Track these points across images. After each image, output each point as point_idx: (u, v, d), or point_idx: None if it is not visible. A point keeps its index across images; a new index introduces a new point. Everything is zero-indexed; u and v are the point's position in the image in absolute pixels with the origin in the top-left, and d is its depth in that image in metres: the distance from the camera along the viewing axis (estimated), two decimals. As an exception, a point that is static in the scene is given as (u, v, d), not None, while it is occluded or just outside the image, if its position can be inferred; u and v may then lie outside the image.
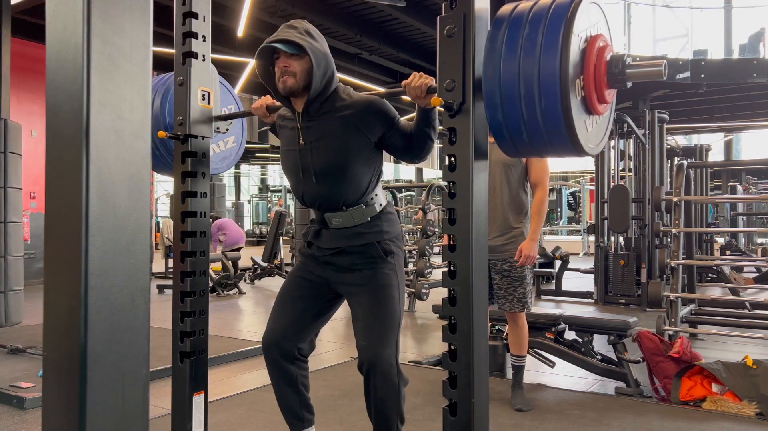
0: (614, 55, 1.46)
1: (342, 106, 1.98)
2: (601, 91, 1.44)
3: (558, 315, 3.80)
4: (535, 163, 3.03)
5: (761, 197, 4.81)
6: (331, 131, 1.97)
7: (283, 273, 8.98)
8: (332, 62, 2.00)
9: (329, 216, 2.05)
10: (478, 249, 1.49)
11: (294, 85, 1.94)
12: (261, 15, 8.07)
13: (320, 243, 2.08)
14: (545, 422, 2.88)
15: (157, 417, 2.80)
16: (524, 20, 1.40)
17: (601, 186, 7.61)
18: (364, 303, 2.00)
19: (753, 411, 2.96)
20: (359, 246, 2.03)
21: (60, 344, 1.12)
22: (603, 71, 1.43)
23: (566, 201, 21.44)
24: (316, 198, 2.04)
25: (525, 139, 1.44)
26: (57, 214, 1.13)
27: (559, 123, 1.37)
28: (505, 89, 1.39)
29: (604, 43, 1.45)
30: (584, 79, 1.41)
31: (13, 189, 5.59)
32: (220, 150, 2.35)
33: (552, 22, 1.36)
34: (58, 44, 1.12)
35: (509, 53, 1.39)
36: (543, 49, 1.35)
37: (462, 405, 1.48)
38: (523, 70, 1.37)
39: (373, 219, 2.05)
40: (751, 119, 11.93)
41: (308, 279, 2.11)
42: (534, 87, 1.36)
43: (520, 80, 1.37)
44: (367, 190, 2.04)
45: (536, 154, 1.56)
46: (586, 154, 1.47)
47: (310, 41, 1.92)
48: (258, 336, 5.23)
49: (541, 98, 1.36)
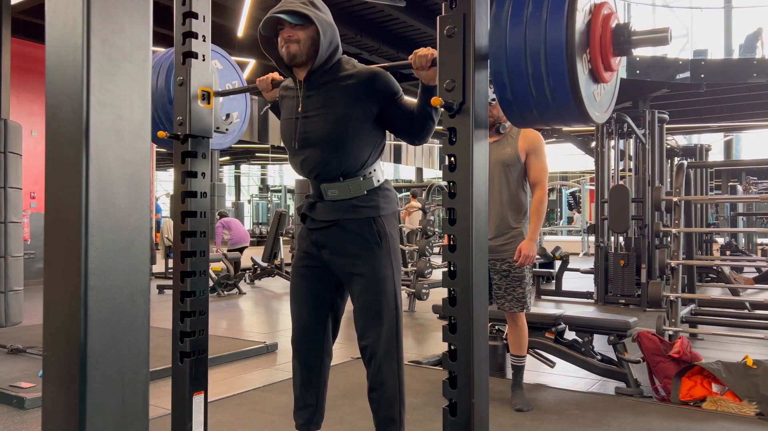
0: (619, 24, 1.46)
1: (345, 76, 1.97)
2: (607, 59, 1.44)
3: (558, 315, 3.80)
4: (534, 163, 3.04)
5: (761, 197, 4.82)
6: (333, 100, 1.96)
7: (283, 273, 8.98)
8: (337, 32, 2.00)
9: (325, 187, 2.02)
10: (478, 249, 1.49)
11: (297, 51, 1.93)
12: (261, 15, 8.05)
13: (314, 215, 2.06)
14: (545, 422, 2.88)
15: (157, 417, 2.80)
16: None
17: (601, 186, 7.61)
18: (361, 297, 2.02)
19: (753, 411, 2.96)
20: (353, 221, 2.00)
21: (60, 344, 1.12)
22: (609, 39, 1.43)
23: (566, 201, 21.43)
24: (315, 167, 2.01)
25: (535, 114, 1.45)
26: (57, 214, 1.13)
27: (568, 98, 1.37)
28: (512, 68, 1.39)
29: (608, 10, 1.44)
30: (590, 51, 1.41)
31: (13, 189, 5.59)
32: None
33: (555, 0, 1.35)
34: (57, 44, 1.12)
35: (514, 31, 1.39)
36: (548, 25, 1.35)
37: (462, 405, 1.48)
38: (530, 49, 1.37)
39: (370, 193, 2.02)
40: (751, 119, 11.93)
41: (311, 267, 2.12)
42: (541, 65, 1.36)
43: (527, 59, 1.37)
44: (366, 163, 2.02)
45: (544, 125, 1.57)
46: (594, 123, 1.50)
47: (315, 11, 1.91)
48: (258, 336, 5.25)
49: (549, 76, 1.36)
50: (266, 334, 5.27)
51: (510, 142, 3.04)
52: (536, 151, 3.02)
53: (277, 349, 4.68)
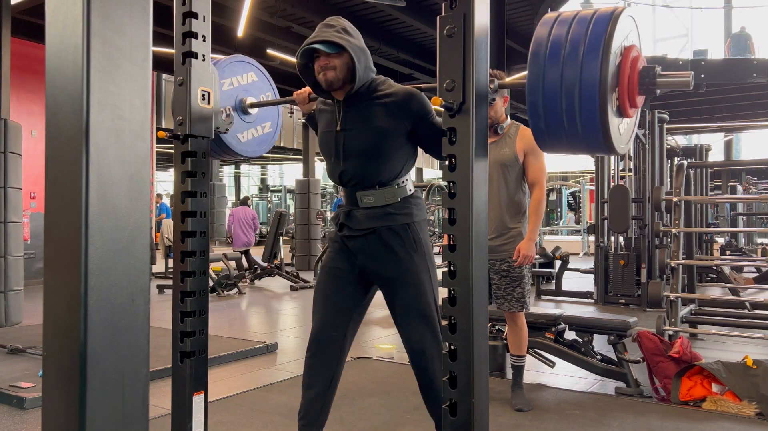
0: (646, 66, 1.58)
1: (383, 95, 2.11)
2: (633, 98, 1.57)
3: (558, 315, 3.80)
4: (532, 163, 3.04)
5: (761, 197, 4.82)
6: (372, 116, 2.09)
7: (283, 273, 8.98)
8: (369, 54, 2.13)
9: (361, 194, 2.13)
10: (478, 250, 1.49)
11: (334, 77, 2.05)
12: (261, 15, 8.07)
13: (351, 224, 2.16)
14: (545, 422, 2.88)
15: (157, 417, 2.80)
16: (564, 39, 1.52)
17: (601, 186, 7.61)
18: (399, 300, 2.12)
19: (753, 411, 2.96)
20: (389, 229, 2.11)
21: (60, 344, 1.12)
22: (636, 81, 1.56)
23: (566, 201, 21.43)
24: (353, 176, 2.14)
25: (564, 143, 1.58)
26: (57, 214, 1.13)
27: (597, 131, 1.51)
28: (548, 101, 1.52)
29: (636, 53, 1.58)
30: (619, 89, 1.54)
31: (13, 189, 5.59)
32: (258, 134, 2.47)
33: (592, 42, 1.49)
34: (57, 44, 1.12)
35: (551, 68, 1.51)
36: (584, 65, 1.48)
37: (462, 405, 1.48)
38: (565, 85, 1.49)
39: (403, 201, 2.14)
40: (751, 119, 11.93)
41: (342, 269, 2.21)
42: (575, 100, 1.49)
43: (562, 94, 1.50)
44: (400, 173, 2.15)
45: (571, 153, 1.73)
46: (618, 154, 1.66)
47: (348, 38, 2.04)
48: (258, 336, 5.25)
49: (582, 110, 1.49)
50: (266, 334, 5.27)
51: (508, 143, 3.04)
52: (534, 151, 3.02)
53: (277, 349, 4.68)
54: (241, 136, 2.37)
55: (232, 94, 2.34)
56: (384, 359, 4.24)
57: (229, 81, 2.35)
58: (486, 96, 1.55)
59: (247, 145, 2.39)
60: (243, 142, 2.38)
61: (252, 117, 2.41)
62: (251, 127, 2.40)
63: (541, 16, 8.85)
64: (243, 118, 2.38)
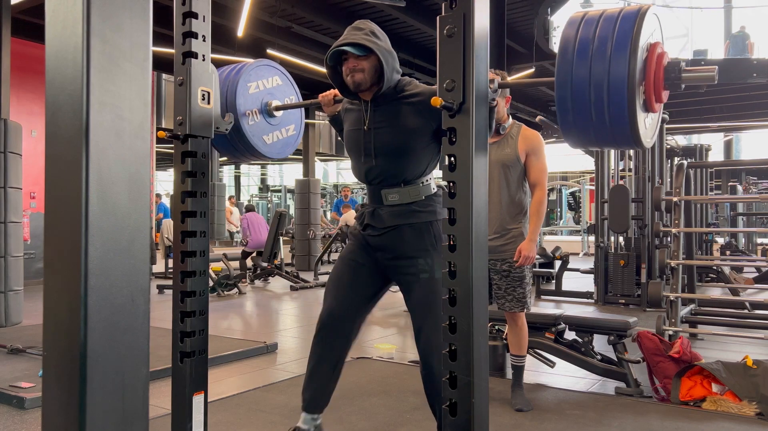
0: (671, 61, 1.64)
1: (410, 95, 2.15)
2: (659, 93, 1.63)
3: (558, 315, 3.80)
4: (534, 164, 3.03)
5: (761, 197, 4.82)
6: (400, 115, 2.14)
7: (283, 273, 8.98)
8: (396, 56, 2.18)
9: (386, 192, 2.19)
10: (478, 249, 1.49)
11: (362, 79, 2.11)
12: (261, 15, 8.06)
13: (376, 223, 2.22)
14: (545, 422, 2.88)
15: (157, 417, 2.80)
16: (592, 36, 1.59)
17: (601, 186, 7.60)
18: (418, 297, 2.17)
19: (753, 411, 2.96)
20: (412, 226, 2.17)
21: (60, 344, 1.12)
22: (661, 76, 1.62)
23: (566, 201, 21.43)
24: (378, 174, 2.19)
25: (592, 137, 1.64)
26: (57, 214, 1.13)
27: (624, 125, 1.57)
28: (576, 95, 1.57)
29: (661, 50, 1.64)
30: (646, 84, 1.60)
31: (13, 189, 5.58)
32: (283, 137, 2.54)
33: (620, 38, 1.55)
34: (57, 44, 1.12)
35: (580, 63, 1.57)
36: (612, 60, 1.54)
37: (462, 405, 1.48)
38: (594, 79, 1.55)
39: (427, 199, 2.20)
40: (751, 119, 11.94)
41: (360, 262, 2.28)
42: (603, 94, 1.54)
43: (591, 88, 1.56)
44: (425, 172, 2.20)
45: (598, 147, 1.79)
46: (644, 148, 1.71)
47: (376, 41, 2.08)
48: (258, 336, 5.25)
49: (610, 104, 1.54)
50: (266, 334, 5.26)
51: (510, 143, 3.04)
52: (536, 151, 3.02)
53: (277, 349, 4.68)
54: (266, 138, 2.46)
55: (258, 97, 2.43)
56: (384, 359, 4.24)
57: (255, 84, 2.43)
58: (486, 96, 1.55)
59: (272, 147, 2.47)
60: (268, 144, 2.46)
61: (277, 120, 2.49)
62: (276, 130, 2.48)
63: (541, 16, 8.84)
64: (268, 120, 2.46)
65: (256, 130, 2.41)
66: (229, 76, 2.37)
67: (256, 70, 2.43)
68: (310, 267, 11.14)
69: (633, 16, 1.56)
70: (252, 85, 2.40)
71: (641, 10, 1.57)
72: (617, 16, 1.58)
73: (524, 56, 9.59)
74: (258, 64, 2.45)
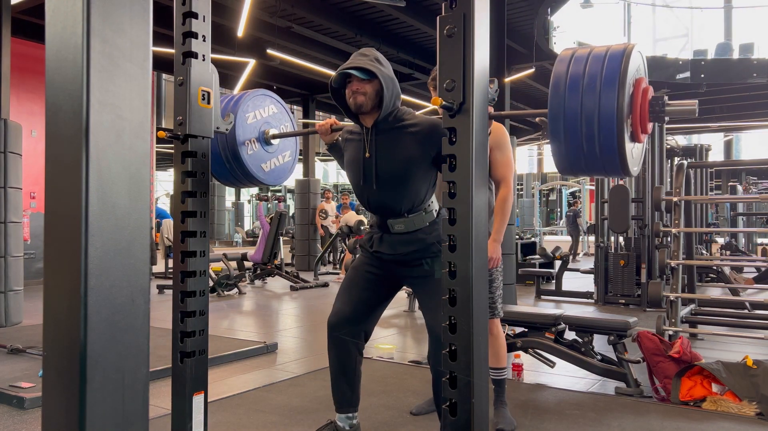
0: (655, 96, 1.77)
1: (409, 124, 2.25)
2: (644, 125, 1.75)
3: (558, 315, 3.80)
4: (498, 159, 2.76)
5: (761, 197, 4.81)
6: (400, 144, 2.24)
7: (283, 273, 8.98)
8: (398, 84, 2.28)
9: (391, 222, 2.30)
10: (478, 249, 1.49)
11: (363, 102, 2.21)
12: (261, 15, 8.06)
13: (384, 250, 2.34)
14: (545, 422, 2.88)
15: (157, 417, 2.80)
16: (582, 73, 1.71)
17: (601, 186, 7.61)
18: (430, 294, 2.26)
19: (753, 411, 2.96)
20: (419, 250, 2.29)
21: (60, 344, 1.12)
22: (646, 110, 1.75)
23: (566, 201, 21.43)
24: (380, 204, 2.31)
25: (583, 165, 1.74)
26: (57, 214, 1.13)
27: (614, 154, 1.69)
28: (568, 127, 1.70)
29: (645, 84, 1.77)
30: (632, 117, 1.73)
31: (13, 189, 5.58)
32: (280, 164, 2.63)
33: (608, 75, 1.67)
34: (58, 44, 1.12)
35: (571, 98, 1.69)
36: (602, 95, 1.66)
37: (462, 405, 1.48)
38: (584, 112, 1.68)
39: (431, 224, 2.31)
40: (751, 119, 11.94)
41: (374, 273, 2.39)
42: (594, 126, 1.67)
43: (582, 120, 1.68)
44: (425, 198, 2.31)
45: (588, 175, 1.91)
46: (631, 176, 1.84)
47: (380, 67, 2.18)
48: (258, 336, 5.25)
49: (600, 135, 1.67)
50: (266, 334, 5.26)
51: None
52: (500, 145, 2.76)
53: (277, 349, 4.67)
54: (264, 165, 2.54)
55: (256, 126, 2.51)
56: (384, 359, 4.24)
57: (253, 114, 2.50)
58: (486, 96, 1.55)
59: (270, 174, 2.55)
60: (267, 172, 2.54)
61: (274, 147, 2.58)
62: (273, 157, 2.57)
63: (541, 16, 8.82)
64: (266, 148, 2.55)
65: (254, 158, 2.49)
66: (227, 107, 2.45)
67: (253, 99, 2.51)
68: (310, 267, 11.14)
69: (620, 54, 1.69)
70: (250, 115, 2.48)
71: (627, 48, 1.70)
72: (605, 54, 1.71)
73: (524, 56, 9.58)
74: (255, 94, 2.53)
